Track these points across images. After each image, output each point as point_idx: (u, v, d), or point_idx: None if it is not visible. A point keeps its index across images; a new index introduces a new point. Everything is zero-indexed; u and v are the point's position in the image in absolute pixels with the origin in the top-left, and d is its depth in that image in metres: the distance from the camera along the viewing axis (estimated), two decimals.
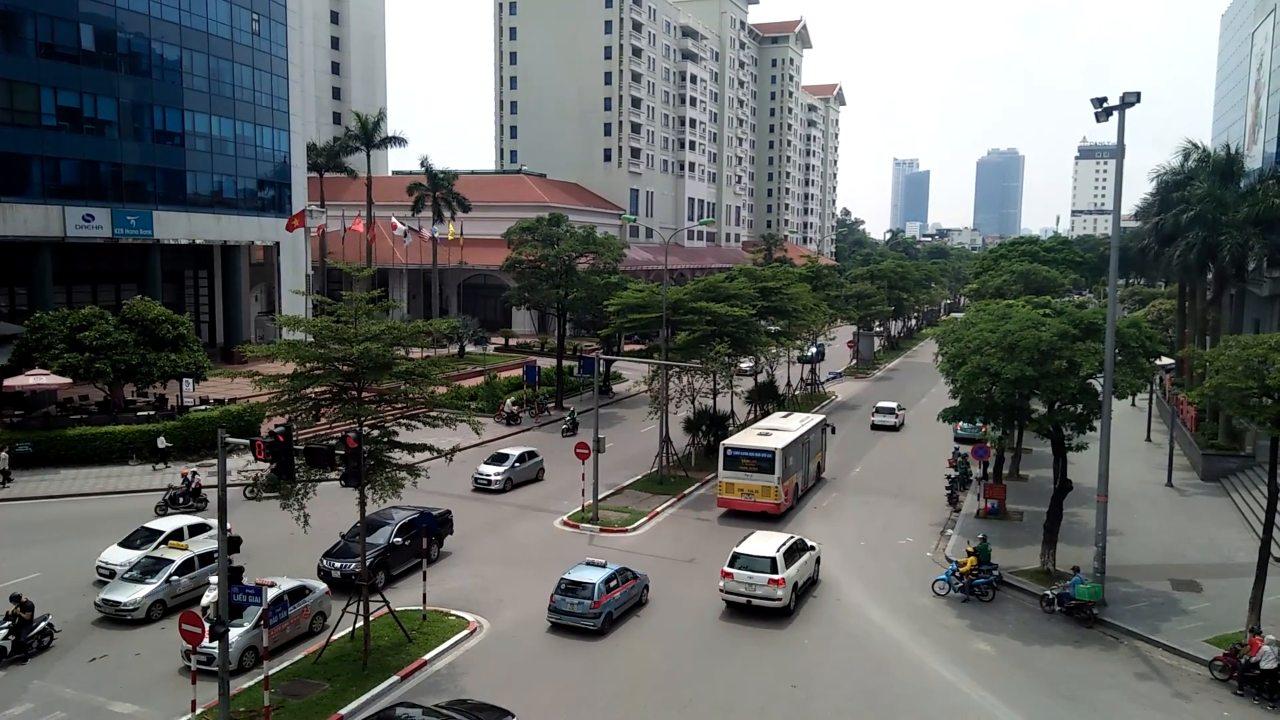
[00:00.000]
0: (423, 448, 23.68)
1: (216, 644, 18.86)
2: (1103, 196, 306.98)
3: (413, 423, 24.16)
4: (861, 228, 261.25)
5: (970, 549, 28.99)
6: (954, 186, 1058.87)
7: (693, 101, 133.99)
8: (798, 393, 62.69)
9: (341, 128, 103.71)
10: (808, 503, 38.82)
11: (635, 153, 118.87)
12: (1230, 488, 39.90)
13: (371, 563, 26.13)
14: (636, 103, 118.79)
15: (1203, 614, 26.38)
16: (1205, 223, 42.95)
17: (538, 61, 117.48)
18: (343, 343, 22.42)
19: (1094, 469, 27.57)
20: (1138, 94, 24.81)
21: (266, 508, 23.10)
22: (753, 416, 50.65)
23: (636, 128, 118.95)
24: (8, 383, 40.66)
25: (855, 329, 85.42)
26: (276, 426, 19.64)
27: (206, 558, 26.44)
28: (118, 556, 27.93)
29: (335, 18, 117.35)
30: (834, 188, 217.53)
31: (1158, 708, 21.53)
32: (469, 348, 74.36)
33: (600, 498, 36.14)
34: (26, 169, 48.96)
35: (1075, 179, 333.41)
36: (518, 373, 62.61)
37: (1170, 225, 45.38)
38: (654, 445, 42.78)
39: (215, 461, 26.76)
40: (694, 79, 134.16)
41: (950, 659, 23.88)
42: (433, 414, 24.26)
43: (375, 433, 23.03)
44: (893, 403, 57.84)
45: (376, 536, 28.18)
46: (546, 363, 64.34)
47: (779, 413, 45.99)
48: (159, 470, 40.19)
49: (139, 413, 44.14)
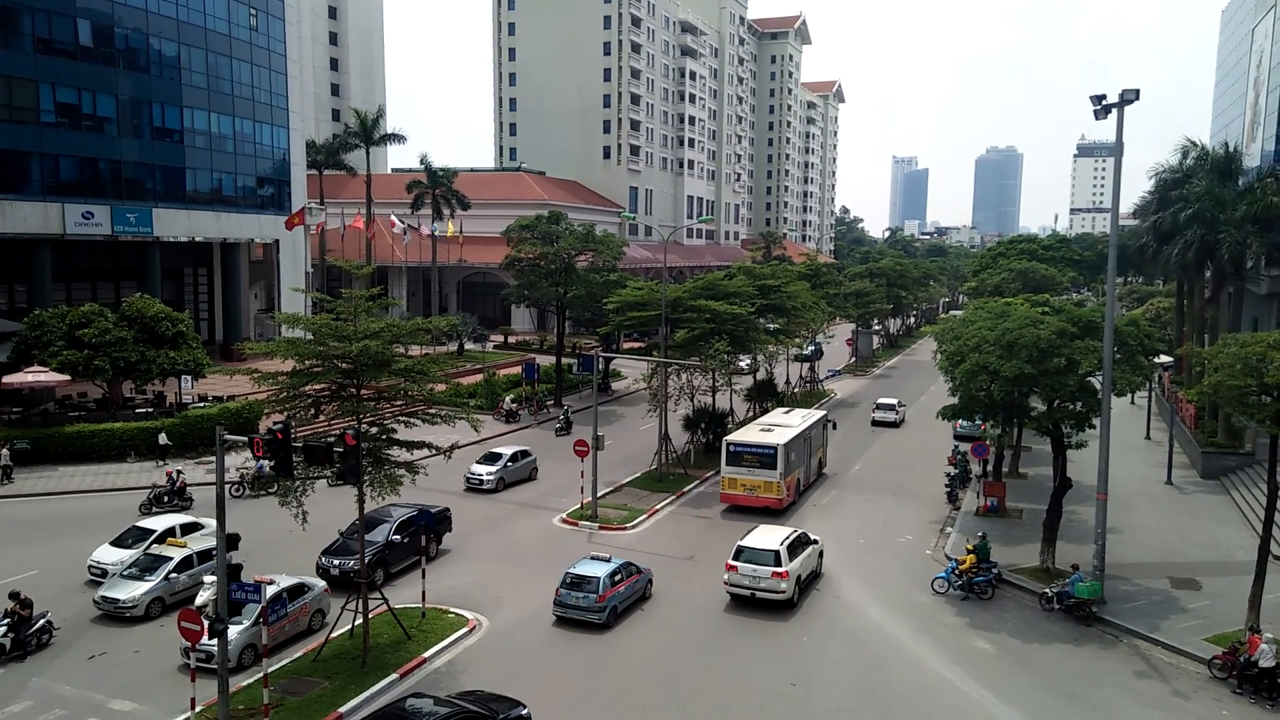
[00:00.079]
0: (421, 445, 23.68)
1: (215, 641, 18.86)
2: (1101, 194, 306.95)
3: (411, 420, 24.12)
4: (860, 226, 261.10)
5: (970, 547, 29.00)
6: (953, 184, 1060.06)
7: (692, 99, 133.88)
8: (796, 390, 62.69)
9: (341, 125, 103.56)
10: (808, 500, 38.83)
11: (634, 150, 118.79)
12: (1230, 485, 39.92)
13: (370, 560, 26.13)
14: (636, 100, 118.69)
15: (1202, 612, 26.38)
16: (1204, 221, 42.97)
17: (537, 58, 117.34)
18: (342, 340, 22.39)
19: (1093, 467, 27.58)
20: (1137, 91, 24.77)
21: (265, 505, 23.10)
22: (751, 414, 50.66)
23: (636, 125, 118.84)
24: (6, 380, 40.64)
25: (854, 327, 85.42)
26: (275, 424, 19.62)
27: (205, 555, 26.40)
28: (110, 556, 27.80)
29: (333, 13, 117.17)
30: (833, 185, 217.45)
31: (1157, 706, 21.54)
32: (468, 345, 74.33)
33: (599, 495, 36.15)
34: (25, 166, 48.88)
35: (1074, 177, 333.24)
36: (517, 370, 62.55)
37: (1169, 223, 45.41)
38: (653, 443, 42.79)
39: (214, 459, 26.77)
40: (693, 76, 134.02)
41: (949, 657, 23.89)
42: (431, 411, 24.21)
43: (374, 430, 23.02)
44: (893, 399, 57.95)
45: (375, 534, 28.15)
46: (546, 360, 64.33)
47: (780, 409, 46.03)
48: (160, 467, 40.21)
49: (138, 410, 44.12)
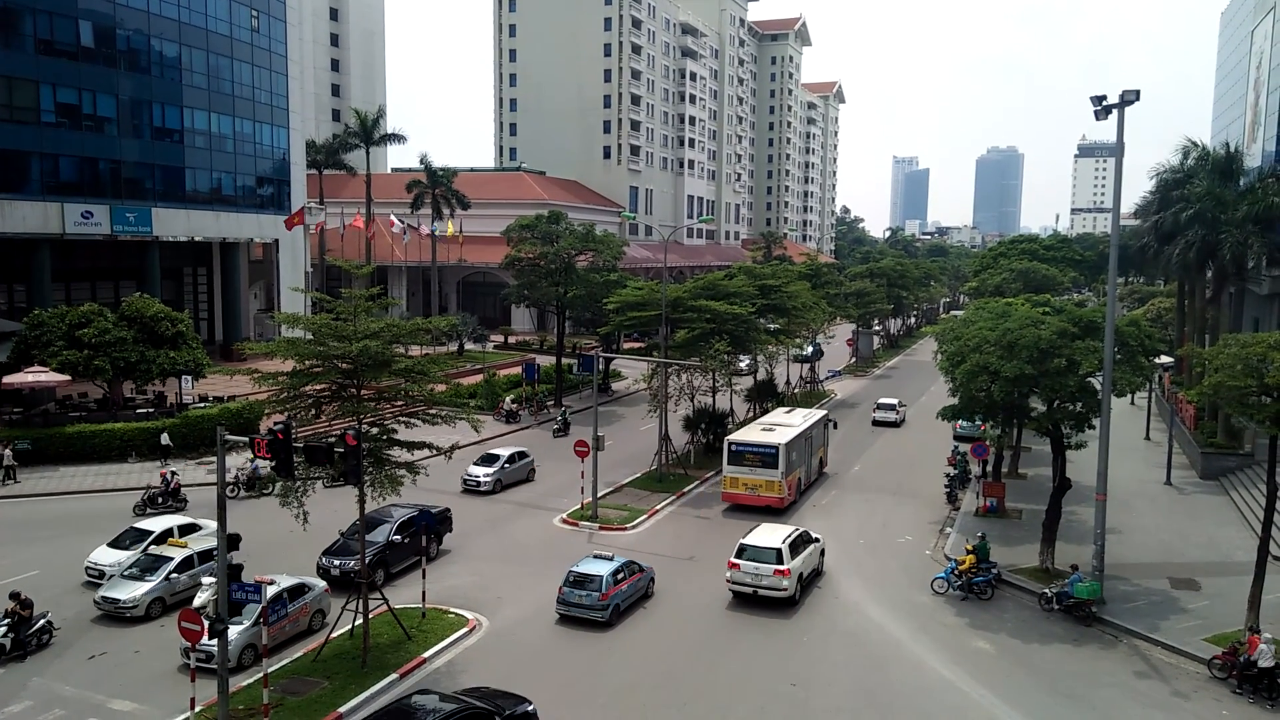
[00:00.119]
0: (422, 445, 23.67)
1: (215, 641, 18.86)
2: (1102, 195, 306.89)
3: (412, 420, 24.14)
4: (861, 226, 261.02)
5: (969, 547, 29.01)
6: (953, 184, 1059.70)
7: (692, 99, 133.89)
8: (796, 391, 62.68)
9: (341, 125, 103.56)
10: (808, 500, 38.83)
11: (635, 150, 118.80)
12: (1229, 486, 39.92)
13: (371, 560, 26.13)
14: (636, 100, 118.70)
15: (1201, 612, 26.39)
16: (1205, 221, 42.96)
17: (537, 59, 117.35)
18: (342, 340, 22.39)
19: (1093, 467, 27.56)
20: (1137, 92, 24.80)
21: (266, 505, 23.11)
22: (751, 414, 50.67)
23: (636, 125, 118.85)
24: (7, 380, 40.64)
25: (855, 327, 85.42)
26: (276, 424, 19.63)
27: (206, 555, 26.40)
28: (107, 557, 27.68)
29: (335, 14, 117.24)
30: (833, 185, 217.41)
31: (1156, 706, 21.54)
32: (468, 345, 74.34)
33: (599, 496, 36.15)
34: (25, 166, 48.90)
35: (1075, 177, 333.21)
36: (517, 370, 62.55)
37: (1170, 223, 45.40)
38: (653, 443, 42.78)
39: (215, 459, 26.77)
40: (693, 76, 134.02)
41: (949, 657, 23.90)
42: (432, 411, 24.22)
43: (374, 430, 23.03)
44: (894, 399, 58.06)
45: (376, 534, 28.15)
46: (546, 360, 64.32)
47: (782, 408, 46.11)
48: (163, 467, 40.23)
49: (138, 410, 44.12)
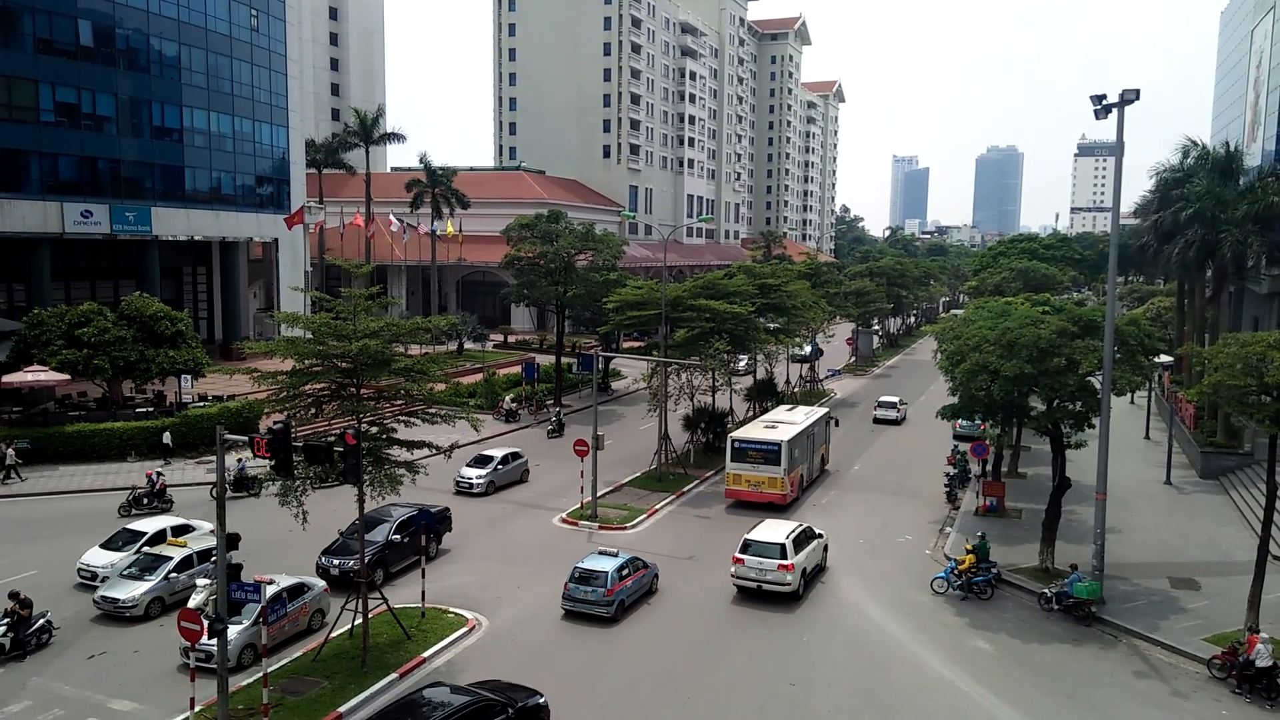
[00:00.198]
0: (421, 445, 23.68)
1: (215, 641, 18.85)
2: (1102, 194, 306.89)
3: (411, 419, 24.13)
4: (861, 225, 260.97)
5: (969, 547, 29.01)
6: (953, 184, 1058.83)
7: (692, 98, 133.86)
8: (796, 390, 62.68)
9: (340, 124, 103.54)
10: (807, 499, 38.83)
11: (634, 149, 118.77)
12: (1229, 485, 39.92)
13: (370, 560, 26.12)
14: (636, 99, 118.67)
15: (1201, 612, 26.39)
16: (1204, 220, 42.95)
17: (537, 58, 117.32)
18: (341, 339, 22.39)
19: (1093, 467, 27.55)
20: (1137, 91, 24.78)
21: (265, 505, 23.10)
22: (751, 414, 50.69)
23: (636, 124, 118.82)
24: (6, 379, 40.62)
25: (854, 326, 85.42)
26: (275, 423, 19.61)
27: (205, 555, 26.37)
28: (99, 559, 27.47)
29: (334, 14, 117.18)
30: (833, 185, 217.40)
31: (1156, 706, 21.54)
32: (468, 345, 74.32)
33: (599, 495, 36.14)
34: (25, 165, 48.87)
35: (1074, 176, 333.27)
36: (517, 370, 62.52)
37: (1169, 223, 45.39)
38: (653, 443, 42.77)
39: (214, 458, 26.75)
40: (693, 76, 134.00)
41: (949, 657, 23.90)
42: (431, 411, 24.21)
43: (374, 429, 23.01)
44: (895, 398, 58.27)
45: (375, 534, 28.14)
46: (545, 360, 64.33)
47: (784, 406, 46.29)
48: (166, 465, 40.30)
49: (138, 409, 44.11)
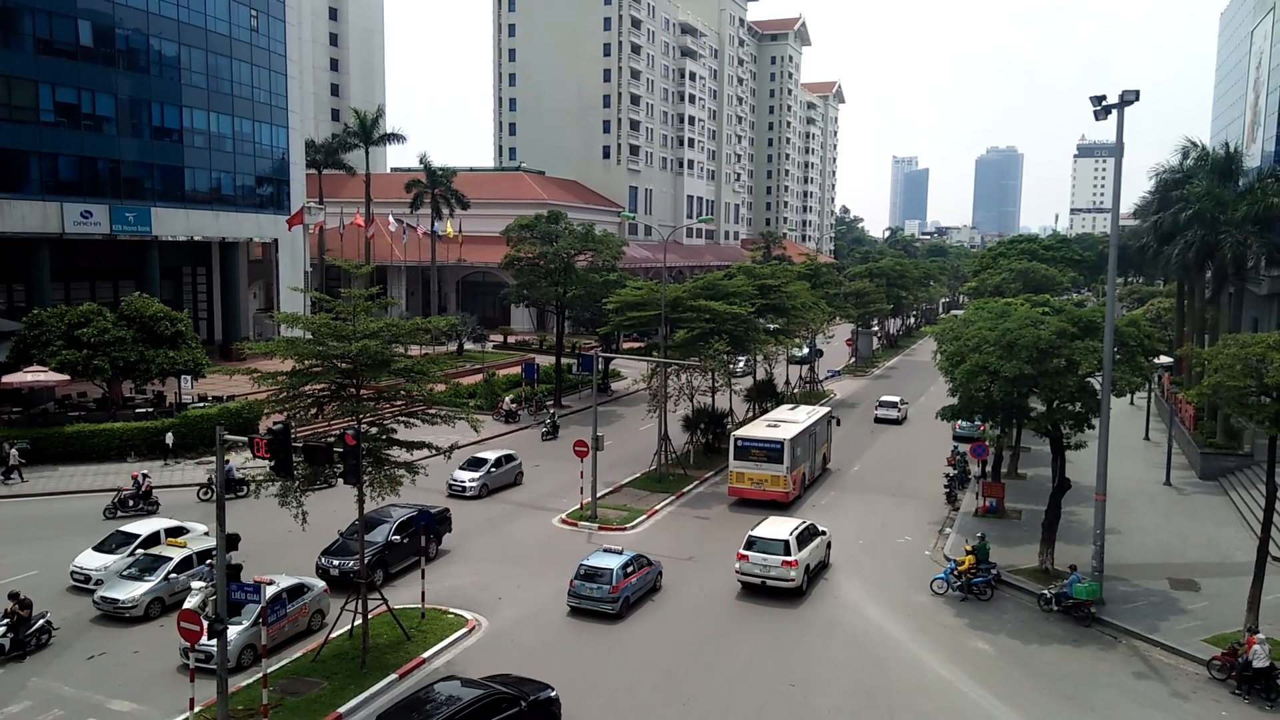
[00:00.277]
0: (421, 445, 23.67)
1: (215, 642, 18.84)
2: (1102, 195, 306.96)
3: (411, 420, 24.14)
4: (860, 225, 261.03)
5: (968, 547, 29.00)
6: (953, 184, 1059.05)
7: (692, 99, 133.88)
8: (796, 391, 62.68)
9: (340, 124, 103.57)
10: (807, 500, 38.83)
11: (634, 150, 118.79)
12: (1228, 486, 39.93)
13: (370, 561, 26.12)
14: (635, 100, 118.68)
15: (1201, 613, 26.40)
16: (1204, 221, 42.94)
17: (537, 58, 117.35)
18: (341, 340, 22.38)
19: (1092, 467, 27.56)
20: (1137, 92, 24.80)
21: (265, 505, 23.06)
22: (751, 415, 50.70)
23: (635, 125, 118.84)
24: (6, 379, 40.61)
25: (854, 327, 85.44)
26: (275, 424, 19.61)
27: (205, 555, 26.36)
28: (93, 561, 27.32)
29: (334, 14, 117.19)
30: (833, 185, 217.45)
31: (1156, 707, 21.55)
32: (467, 345, 74.30)
33: (599, 496, 36.13)
34: (25, 165, 48.88)
35: (1074, 177, 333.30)
36: (516, 370, 62.53)
37: (1169, 223, 45.38)
38: (652, 443, 42.77)
39: (213, 458, 26.79)
40: (693, 76, 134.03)
41: (948, 658, 23.90)
42: (431, 411, 24.22)
43: (374, 430, 23.01)
44: (896, 397, 58.47)
45: (375, 534, 28.13)
46: (545, 360, 64.31)
47: (786, 405, 46.43)
48: (167, 466, 40.36)
49: (137, 410, 44.10)
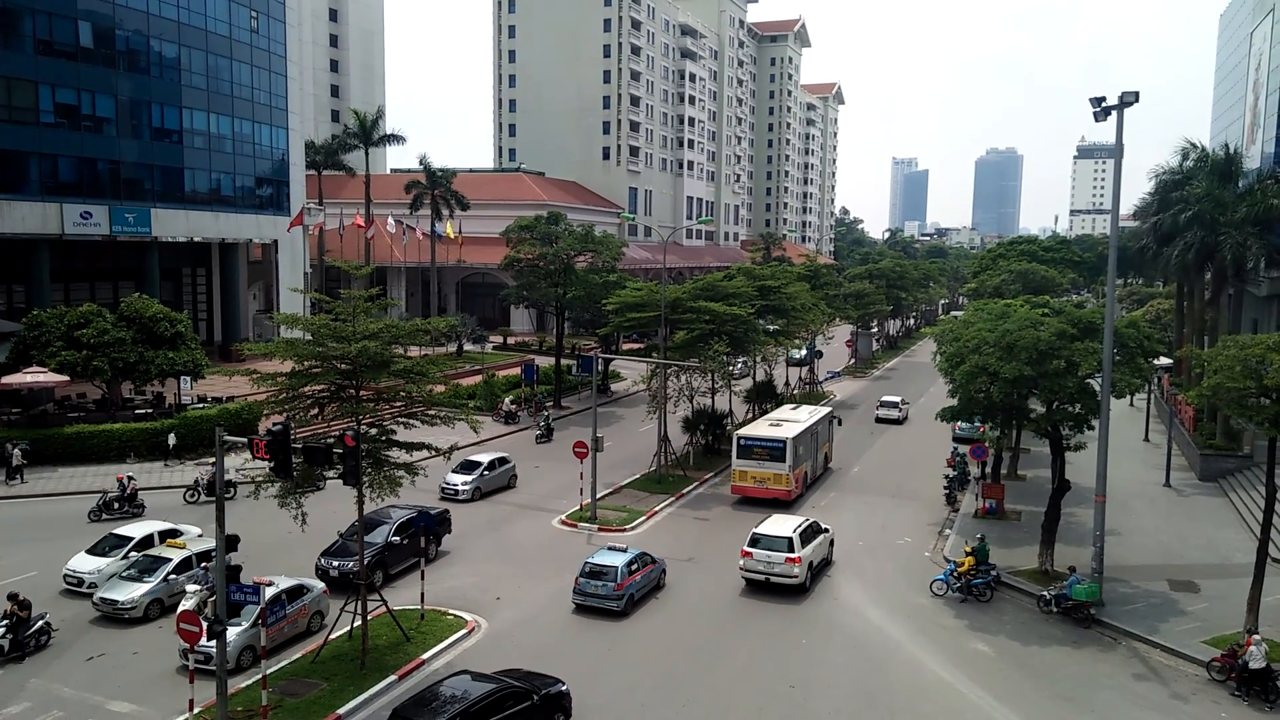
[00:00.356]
0: (421, 446, 23.66)
1: (214, 643, 18.84)
2: (1101, 196, 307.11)
3: (411, 421, 24.14)
4: (860, 227, 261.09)
5: (968, 549, 28.99)
6: (953, 186, 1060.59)
7: (691, 100, 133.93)
8: (795, 392, 62.69)
9: (340, 125, 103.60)
10: (807, 501, 38.82)
11: (634, 151, 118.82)
12: (1228, 488, 39.93)
13: (369, 562, 26.10)
14: (635, 101, 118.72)
15: (1200, 615, 26.40)
16: (1204, 222, 42.95)
17: (537, 59, 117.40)
18: (341, 341, 22.40)
19: (1092, 469, 27.56)
20: (1136, 94, 24.82)
21: (265, 506, 23.05)
22: (751, 415, 50.72)
23: (635, 126, 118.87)
24: (5, 380, 40.59)
25: (853, 328, 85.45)
26: (275, 425, 19.61)
27: (204, 556, 26.30)
28: (86, 564, 27.18)
29: (334, 15, 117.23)
30: (833, 187, 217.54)
31: (1155, 708, 21.54)
32: (467, 346, 74.29)
33: (598, 497, 36.13)
34: (24, 166, 48.89)
35: (1074, 178, 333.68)
36: (516, 371, 62.58)
37: (1169, 225, 45.38)
38: (652, 444, 42.76)
39: (212, 459, 26.80)
40: (693, 78, 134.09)
41: (948, 659, 23.89)
42: (431, 412, 24.22)
43: (373, 431, 23.01)
44: (897, 397, 58.71)
45: (374, 535, 28.12)
46: (545, 361, 64.31)
47: (788, 405, 46.60)
48: (168, 467, 40.36)
49: (137, 411, 44.07)
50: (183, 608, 22.45)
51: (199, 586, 23.54)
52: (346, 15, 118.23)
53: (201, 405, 45.21)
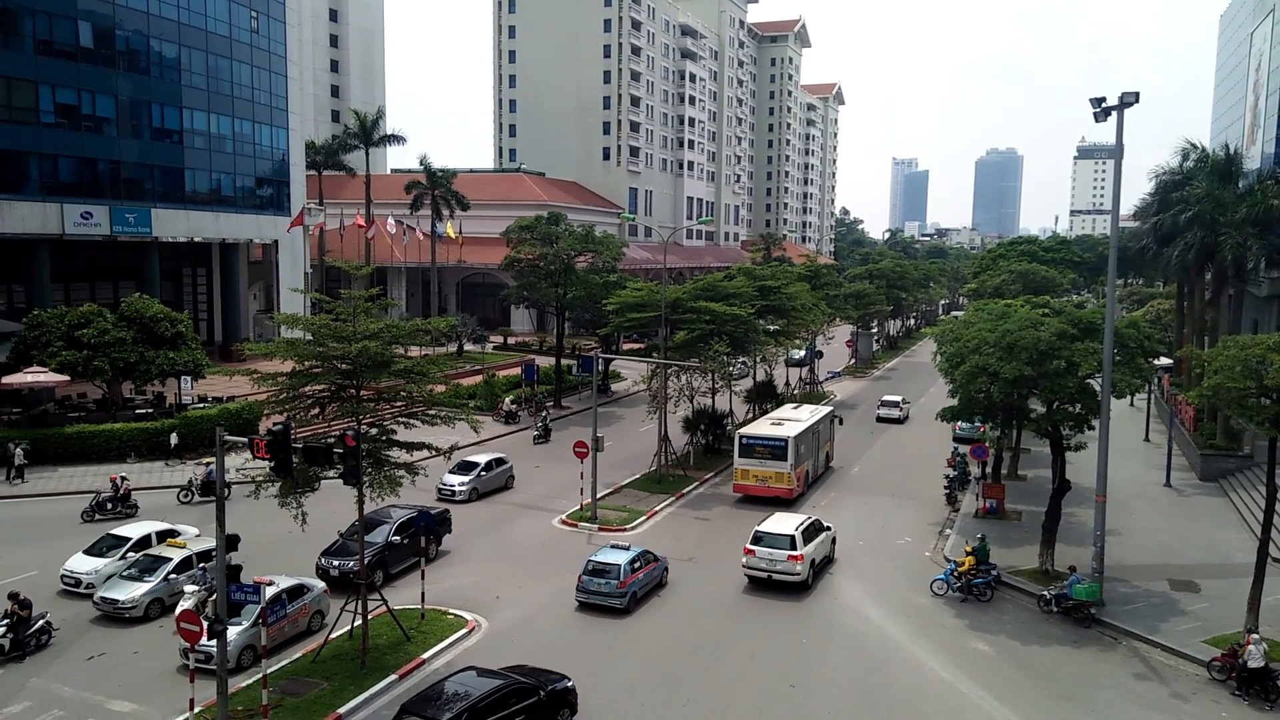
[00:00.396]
0: (421, 446, 23.67)
1: (215, 642, 18.84)
2: (1101, 196, 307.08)
3: (411, 421, 24.15)
4: (860, 227, 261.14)
5: (968, 549, 29.00)
6: (953, 186, 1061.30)
7: (692, 100, 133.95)
8: (796, 392, 62.69)
9: (340, 125, 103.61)
10: (808, 500, 38.83)
11: (634, 151, 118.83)
12: (1228, 488, 39.94)
13: (370, 561, 26.11)
14: (635, 101, 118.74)
15: (1201, 614, 26.41)
16: (1204, 223, 42.96)
17: (537, 60, 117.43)
18: (341, 341, 22.40)
19: (1092, 469, 27.57)
20: (1136, 94, 24.83)
21: (265, 506, 23.05)
22: (751, 415, 50.73)
23: (635, 126, 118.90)
24: (6, 380, 40.61)
25: (854, 328, 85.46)
26: (275, 424, 19.61)
27: (205, 556, 26.31)
28: (83, 565, 27.12)
29: (334, 15, 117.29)
30: (833, 187, 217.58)
31: (1156, 708, 21.54)
32: (467, 346, 74.30)
33: (599, 497, 36.14)
34: (25, 166, 48.89)
35: (1074, 179, 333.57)
36: (516, 371, 62.59)
37: (1169, 225, 45.38)
38: (652, 444, 42.76)
39: (212, 458, 26.76)
40: (693, 78, 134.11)
41: (948, 659, 23.90)
42: (431, 412, 24.23)
43: (374, 431, 23.02)
44: (898, 397, 58.78)
45: (375, 535, 28.13)
46: (545, 361, 64.31)
47: (789, 404, 46.71)
48: (169, 467, 40.37)
49: (137, 411, 44.08)
50: (181, 607, 22.51)
51: (197, 586, 23.55)
52: (346, 15, 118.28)
53: (202, 405, 45.21)
